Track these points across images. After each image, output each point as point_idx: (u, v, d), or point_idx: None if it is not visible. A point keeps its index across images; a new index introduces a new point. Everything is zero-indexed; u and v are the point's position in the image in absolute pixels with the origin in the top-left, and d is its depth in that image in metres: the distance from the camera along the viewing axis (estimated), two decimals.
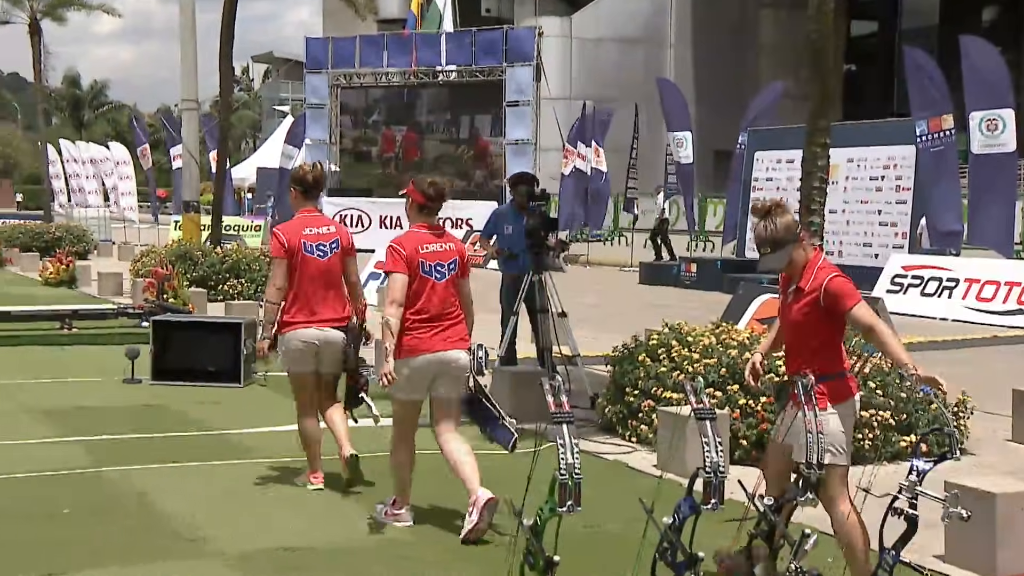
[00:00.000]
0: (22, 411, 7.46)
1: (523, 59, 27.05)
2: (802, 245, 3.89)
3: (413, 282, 4.85)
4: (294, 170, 5.96)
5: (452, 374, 4.94)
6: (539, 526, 3.43)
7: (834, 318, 3.80)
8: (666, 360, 6.80)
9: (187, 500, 5.35)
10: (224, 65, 16.91)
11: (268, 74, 79.96)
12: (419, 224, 5.01)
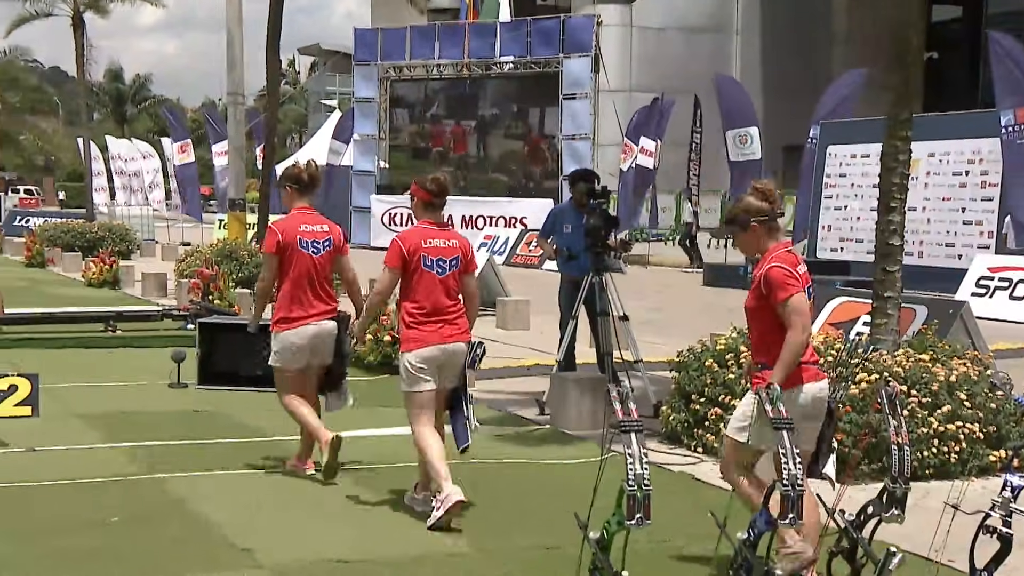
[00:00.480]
0: (70, 415, 7.63)
1: (581, 50, 27.01)
2: (755, 234, 4.26)
3: (415, 276, 5.26)
4: (288, 169, 6.31)
5: (454, 365, 5.35)
6: (606, 540, 3.43)
7: (775, 307, 4.11)
8: (734, 366, 6.76)
9: (235, 509, 5.43)
10: (271, 57, 17.12)
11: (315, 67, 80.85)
12: (425, 220, 5.43)
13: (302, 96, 78.42)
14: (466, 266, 5.41)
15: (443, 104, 31.43)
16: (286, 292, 5.94)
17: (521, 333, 12.90)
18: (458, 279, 5.37)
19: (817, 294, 10.07)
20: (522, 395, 8.70)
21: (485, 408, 8.22)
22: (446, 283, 5.31)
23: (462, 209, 29.06)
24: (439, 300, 5.27)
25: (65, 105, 71.77)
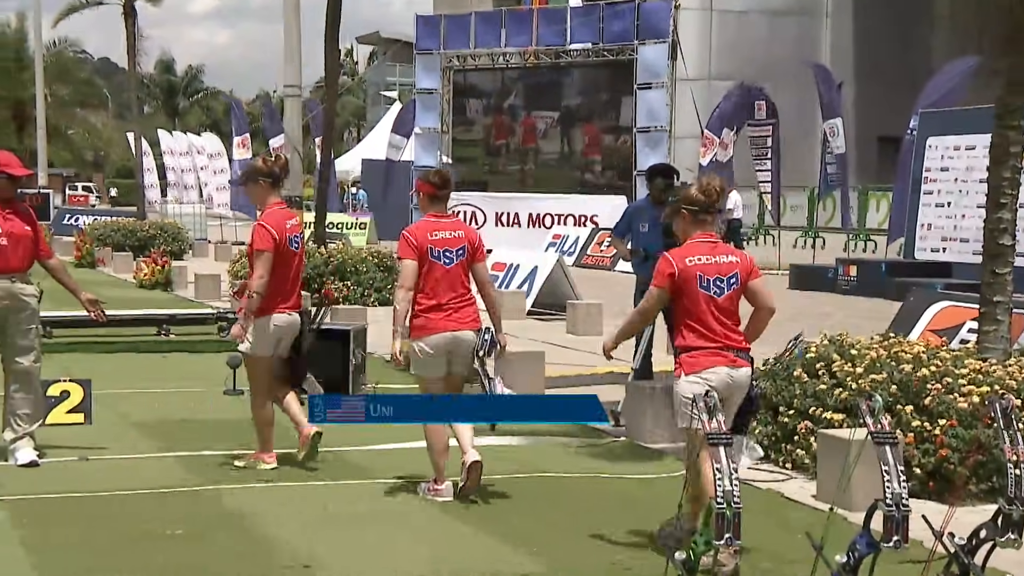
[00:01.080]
0: (124, 423, 7.81)
1: (657, 36, 26.88)
2: (684, 220, 5.03)
3: (423, 267, 5.84)
4: (254, 163, 6.77)
5: (462, 353, 5.92)
6: (692, 560, 3.42)
7: (674, 296, 4.94)
8: (826, 376, 6.68)
9: (296, 523, 5.50)
10: (330, 47, 17.30)
11: (374, 56, 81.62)
12: (431, 213, 6.04)
13: (360, 88, 79.21)
14: (474, 255, 6.01)
15: (508, 95, 31.52)
16: (272, 286, 6.40)
17: (593, 339, 12.87)
18: (466, 268, 5.97)
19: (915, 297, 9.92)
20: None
21: None
22: (454, 273, 5.90)
23: (528, 207, 29.11)
24: (447, 290, 5.87)
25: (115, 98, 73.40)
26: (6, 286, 6.52)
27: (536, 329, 13.74)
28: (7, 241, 6.52)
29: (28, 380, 6.66)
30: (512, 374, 9.10)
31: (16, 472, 6.40)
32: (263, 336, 6.45)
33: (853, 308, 15.85)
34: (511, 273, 16.01)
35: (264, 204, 6.56)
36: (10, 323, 6.56)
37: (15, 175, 6.63)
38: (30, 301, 6.65)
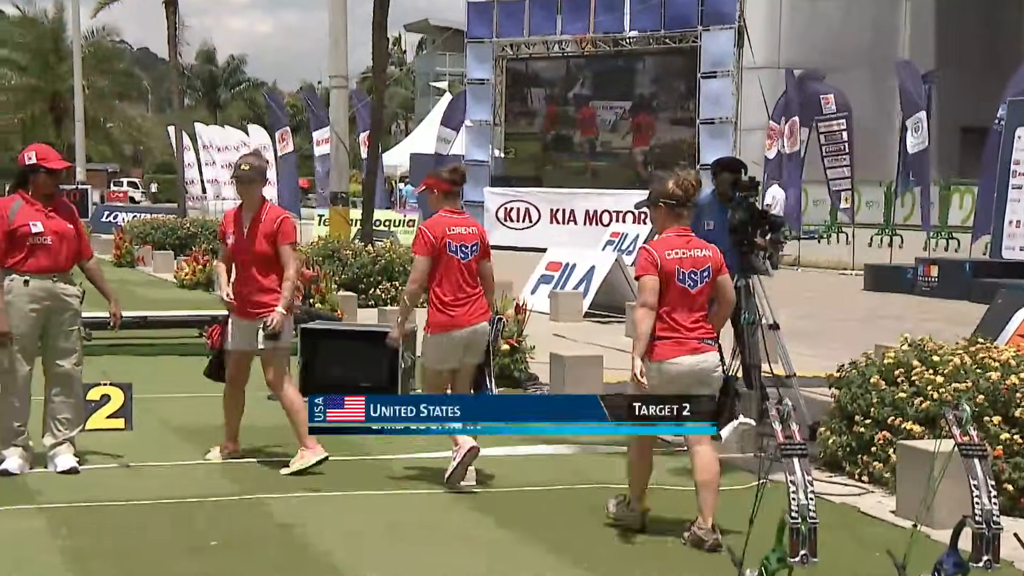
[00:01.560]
0: (164, 429, 7.93)
1: (722, 21, 26.71)
2: (660, 213, 5.58)
3: (442, 262, 6.40)
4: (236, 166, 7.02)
5: (479, 344, 6.55)
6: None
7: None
8: (905, 384, 6.60)
9: (341, 534, 5.55)
10: (378, 35, 17.42)
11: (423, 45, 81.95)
12: (445, 209, 6.57)
13: (408, 78, 79.61)
14: (483, 252, 6.63)
15: (564, 86, 31.51)
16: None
17: None
18: (478, 263, 6.57)
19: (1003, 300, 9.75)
20: None
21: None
22: (469, 267, 6.50)
23: (585, 203, 29.05)
24: (464, 284, 6.46)
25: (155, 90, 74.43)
26: (47, 286, 6.62)
27: (593, 332, 13.71)
28: (51, 240, 6.62)
29: (69, 384, 6.77)
30: (569, 379, 9.12)
31: (55, 479, 6.51)
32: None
33: (934, 311, 15.64)
34: (567, 273, 15.99)
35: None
36: (51, 324, 6.67)
37: (54, 168, 6.72)
38: (72, 302, 6.75)
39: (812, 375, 9.17)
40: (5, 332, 6.52)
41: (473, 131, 30.97)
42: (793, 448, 3.27)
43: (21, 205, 6.65)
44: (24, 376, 6.65)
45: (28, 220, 6.59)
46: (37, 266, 6.59)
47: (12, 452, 6.61)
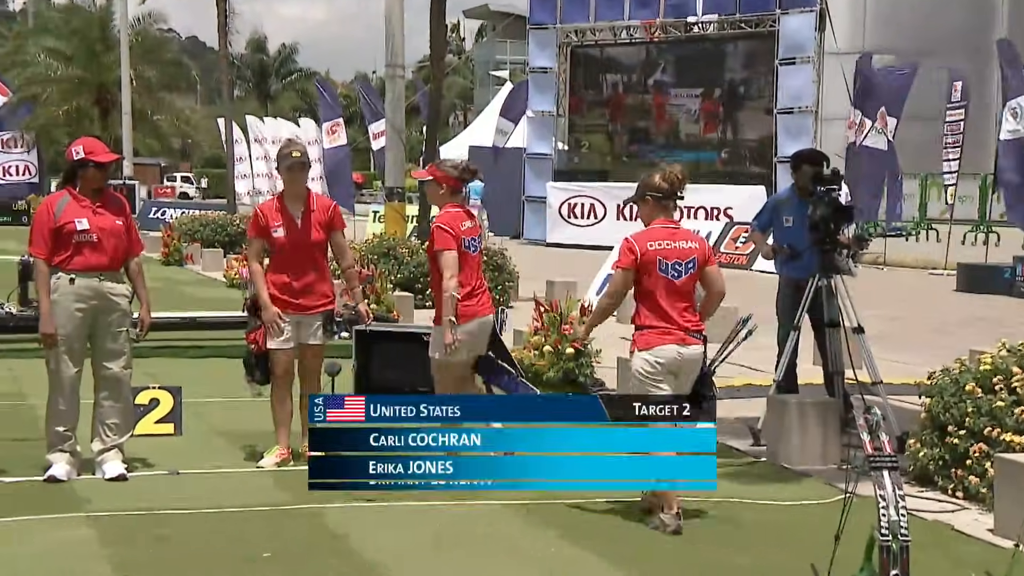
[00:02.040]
0: (214, 434, 8.03)
1: (802, 3, 26.48)
2: (648, 206, 6.17)
3: (461, 258, 6.75)
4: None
5: (486, 334, 7.00)
6: None
7: (636, 277, 6.02)
8: (1004, 391, 6.49)
9: (397, 546, 5.59)
10: (436, 22, 17.50)
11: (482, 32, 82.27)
12: (452, 205, 6.95)
13: (467, 67, 79.96)
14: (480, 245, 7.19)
15: (632, 74, 31.43)
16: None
17: None
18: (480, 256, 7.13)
19: None
20: (731, 421, 8.61)
21: None
22: (478, 260, 7.04)
23: None
24: (476, 277, 6.93)
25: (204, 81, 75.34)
26: (94, 285, 6.72)
27: None
28: (97, 236, 6.71)
29: (118, 387, 6.87)
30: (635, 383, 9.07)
31: (104, 487, 6.61)
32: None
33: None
34: None
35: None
36: (99, 325, 6.77)
37: (102, 162, 6.82)
38: (120, 302, 6.84)
39: (900, 382, 9.07)
40: (50, 333, 6.63)
41: (535, 122, 30.98)
42: (883, 460, 3.23)
43: (68, 201, 6.76)
44: (71, 379, 6.75)
45: (74, 217, 6.69)
46: (84, 264, 6.69)
47: (59, 458, 6.72)
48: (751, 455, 7.64)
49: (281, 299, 7.08)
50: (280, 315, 7.04)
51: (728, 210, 27.21)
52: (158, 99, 47.58)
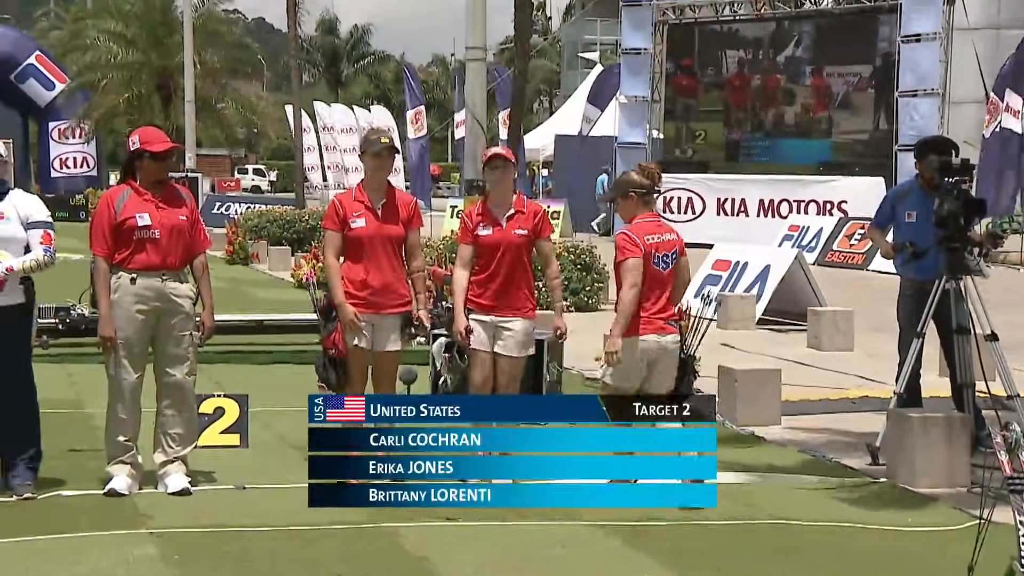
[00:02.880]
0: (283, 446, 8.11)
1: None
2: (631, 202, 6.84)
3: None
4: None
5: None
6: None
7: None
8: None
9: (473, 566, 5.64)
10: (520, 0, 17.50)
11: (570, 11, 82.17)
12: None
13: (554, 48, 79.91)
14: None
15: (735, 55, 31.19)
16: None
17: (842, 355, 12.64)
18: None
19: None
20: (846, 437, 8.52)
21: (796, 452, 8.11)
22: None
23: (758, 191, 28.72)
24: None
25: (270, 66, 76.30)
26: (156, 286, 6.82)
27: (769, 342, 13.57)
28: (160, 233, 6.80)
29: (181, 395, 6.97)
30: (740, 396, 9.03)
31: (167, 501, 6.72)
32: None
33: None
34: (737, 273, 15.85)
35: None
36: (161, 329, 6.87)
37: (159, 152, 6.87)
38: (184, 304, 6.92)
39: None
40: (110, 336, 6.75)
41: (628, 108, 30.88)
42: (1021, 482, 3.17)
43: (129, 195, 6.85)
44: (131, 385, 6.86)
45: (135, 212, 6.77)
46: (146, 263, 6.78)
47: (120, 470, 6.83)
48: (868, 475, 7.56)
49: (358, 297, 7.13)
50: (357, 315, 7.10)
51: (842, 204, 26.90)
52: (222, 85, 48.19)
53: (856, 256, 23.79)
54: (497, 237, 7.25)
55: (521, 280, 7.30)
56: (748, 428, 8.85)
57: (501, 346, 7.25)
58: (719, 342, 13.09)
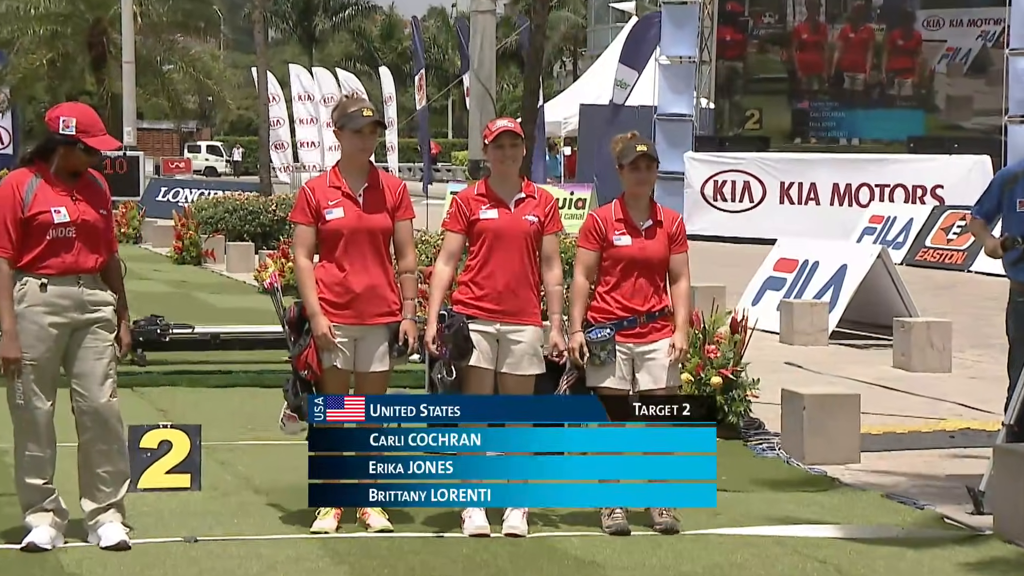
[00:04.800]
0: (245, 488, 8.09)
1: None
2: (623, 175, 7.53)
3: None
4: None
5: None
6: None
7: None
8: None
9: None
10: None
11: None
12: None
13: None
14: None
15: (801, 5, 31.17)
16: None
17: (937, 377, 12.58)
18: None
19: None
20: (942, 480, 8.49)
21: (879, 497, 8.08)
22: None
23: (831, 173, 28.63)
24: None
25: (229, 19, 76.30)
26: (73, 293, 6.77)
27: (846, 360, 13.54)
28: (75, 231, 6.77)
29: (104, 424, 6.87)
30: (809, 426, 8.98)
31: (100, 557, 6.68)
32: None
33: None
34: (806, 275, 15.81)
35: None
36: (76, 343, 6.82)
37: (97, 149, 6.85)
38: (103, 313, 6.89)
39: None
40: (15, 358, 6.66)
41: (669, 71, 30.89)
42: None
43: (39, 184, 6.80)
44: (46, 416, 6.78)
45: (51, 205, 6.74)
46: (60, 266, 6.75)
47: (40, 519, 6.78)
48: (971, 527, 7.52)
49: (337, 305, 7.12)
50: (331, 329, 7.08)
51: (937, 189, 26.84)
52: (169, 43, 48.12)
53: (955, 254, 23.73)
54: (504, 222, 7.27)
55: (531, 278, 7.34)
56: (819, 467, 8.82)
57: (510, 364, 7.22)
58: (783, 360, 13.06)
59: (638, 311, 7.36)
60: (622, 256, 7.39)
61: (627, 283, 7.39)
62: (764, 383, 10.04)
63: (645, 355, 7.35)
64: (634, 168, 7.42)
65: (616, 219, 7.47)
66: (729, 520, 7.30)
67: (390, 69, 43.98)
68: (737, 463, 8.71)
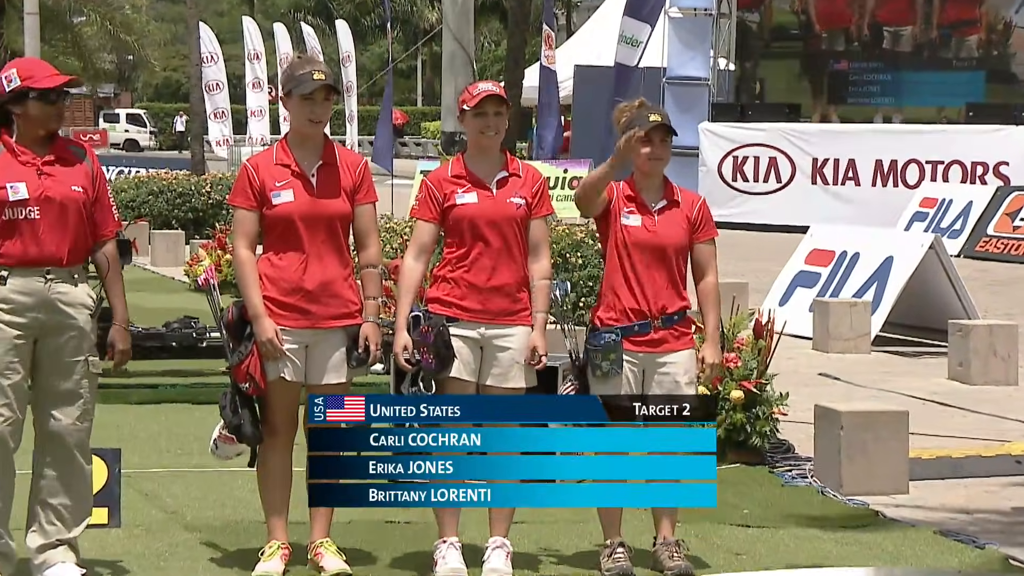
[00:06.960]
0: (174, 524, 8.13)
1: None
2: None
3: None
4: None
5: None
6: None
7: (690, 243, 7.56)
8: None
9: None
10: None
11: None
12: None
13: None
14: None
15: None
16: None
17: (1001, 391, 12.63)
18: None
19: None
20: (1006, 514, 8.50)
21: (932, 535, 8.09)
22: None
23: (874, 148, 28.65)
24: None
25: None
26: (37, 288, 6.73)
27: (892, 371, 13.58)
28: (40, 212, 6.71)
29: (67, 451, 6.89)
30: (847, 448, 9.00)
31: None
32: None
33: None
34: (844, 269, 15.86)
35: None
36: (44, 352, 6.80)
37: (48, 89, 6.75)
38: (78, 316, 6.83)
39: None
40: None
41: (682, 26, 30.93)
42: None
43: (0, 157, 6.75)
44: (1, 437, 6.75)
45: (6, 181, 6.70)
46: (21, 255, 6.71)
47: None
48: None
49: (284, 305, 7.11)
50: (278, 334, 7.07)
51: (1001, 167, 26.89)
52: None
53: (1022, 244, 23.77)
54: (485, 207, 7.23)
55: (518, 271, 7.28)
56: (859, 498, 8.84)
57: (496, 375, 7.24)
58: (816, 371, 13.10)
59: (651, 313, 7.29)
60: (630, 239, 7.29)
61: (636, 276, 7.29)
62: (794, 398, 10.05)
63: (659, 368, 7.31)
64: (646, 142, 7.29)
65: (625, 195, 7.37)
66: (753, 562, 7.33)
67: (348, 22, 43.90)
68: (762, 493, 8.74)
